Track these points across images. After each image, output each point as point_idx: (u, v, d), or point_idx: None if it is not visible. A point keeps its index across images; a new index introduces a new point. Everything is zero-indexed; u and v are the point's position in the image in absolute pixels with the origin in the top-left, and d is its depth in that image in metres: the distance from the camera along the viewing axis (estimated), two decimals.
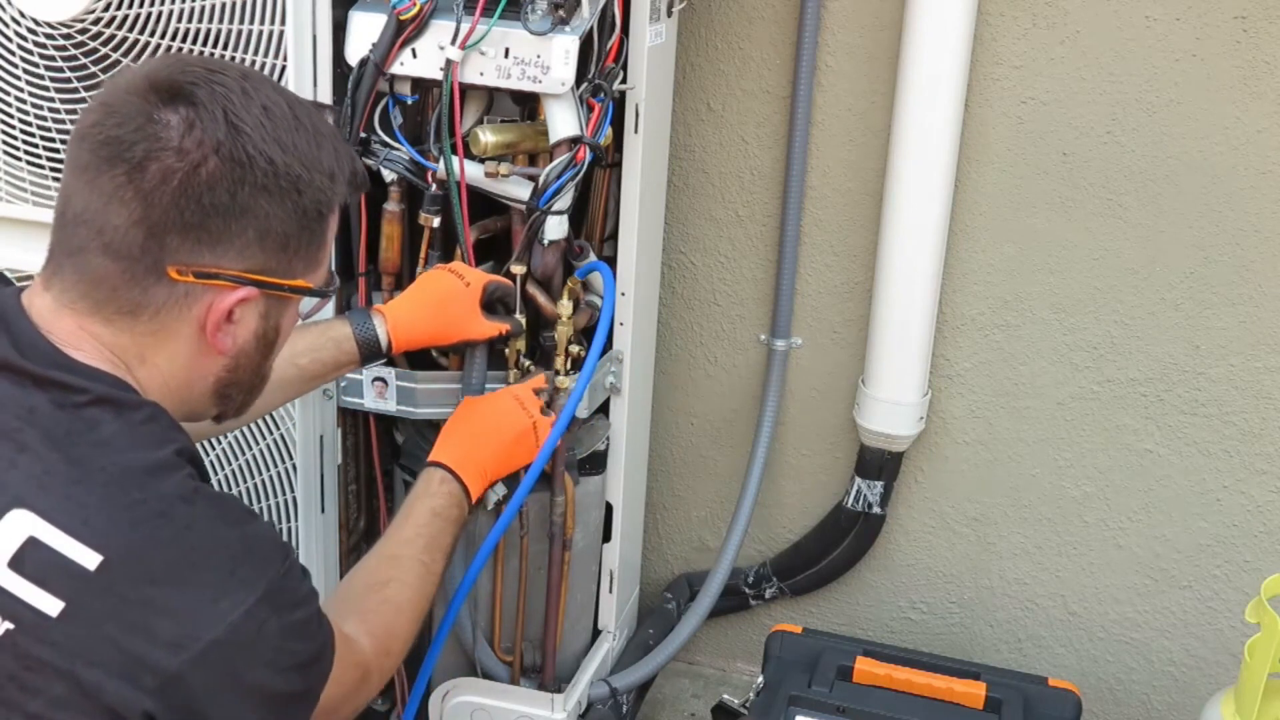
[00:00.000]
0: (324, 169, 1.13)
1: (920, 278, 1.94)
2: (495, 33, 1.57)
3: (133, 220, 1.06)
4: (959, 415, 2.08)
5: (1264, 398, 1.94)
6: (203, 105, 1.07)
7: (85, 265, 1.09)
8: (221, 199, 1.07)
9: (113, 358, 1.11)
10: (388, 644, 1.33)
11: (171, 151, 1.05)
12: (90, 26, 1.53)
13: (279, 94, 1.12)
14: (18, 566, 1.00)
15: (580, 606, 1.92)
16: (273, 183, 1.09)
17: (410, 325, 1.59)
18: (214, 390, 1.19)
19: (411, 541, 1.44)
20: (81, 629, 1.00)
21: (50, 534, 1.01)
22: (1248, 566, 2.02)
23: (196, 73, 1.09)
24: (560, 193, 1.62)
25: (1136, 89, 1.85)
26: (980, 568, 2.16)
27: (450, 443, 1.57)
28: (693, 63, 2.02)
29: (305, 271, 1.16)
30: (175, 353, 1.13)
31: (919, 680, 1.81)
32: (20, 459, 1.04)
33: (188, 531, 1.06)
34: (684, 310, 2.17)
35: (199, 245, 1.08)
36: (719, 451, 2.24)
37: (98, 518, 1.02)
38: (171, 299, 1.10)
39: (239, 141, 1.07)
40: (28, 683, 1.00)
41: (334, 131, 1.17)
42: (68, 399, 1.07)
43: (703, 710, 2.22)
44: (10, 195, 1.67)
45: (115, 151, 1.06)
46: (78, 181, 1.08)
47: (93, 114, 1.08)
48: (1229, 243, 1.88)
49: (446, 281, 1.63)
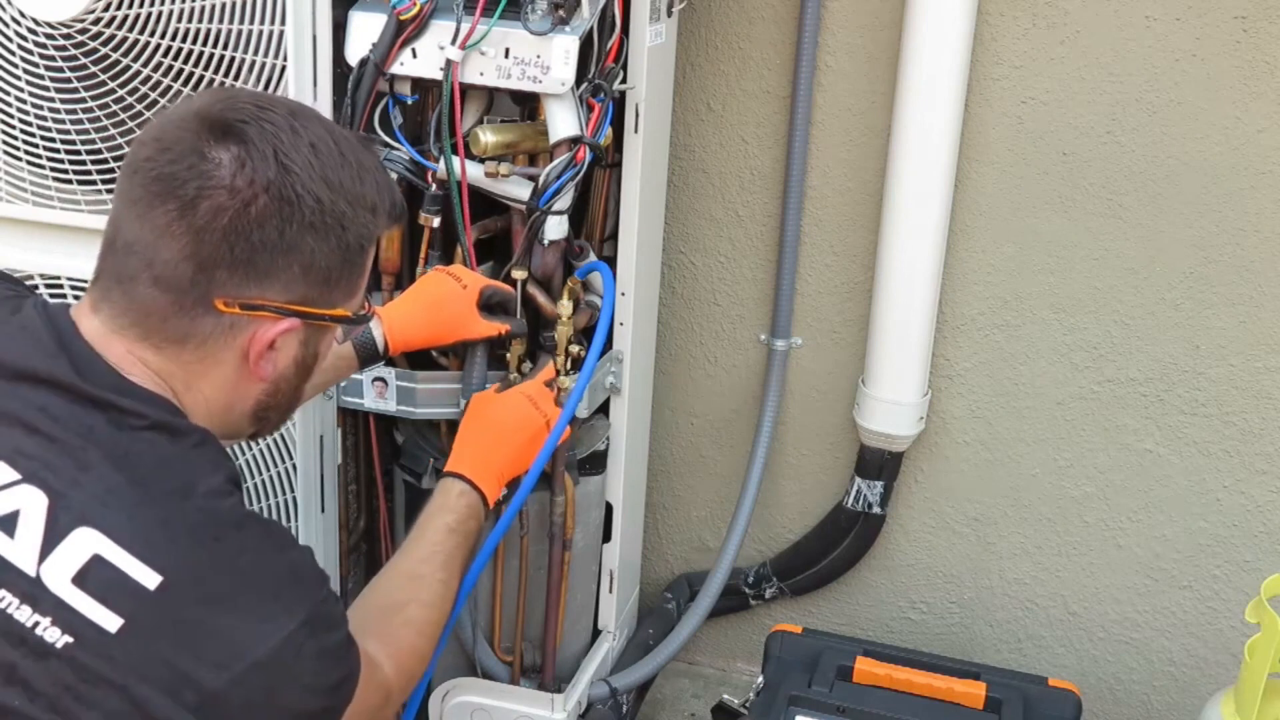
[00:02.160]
0: (367, 204, 1.17)
1: (920, 278, 1.94)
2: (495, 33, 1.57)
3: (183, 255, 1.09)
4: (959, 415, 2.08)
5: (1264, 398, 1.94)
6: (253, 144, 1.10)
7: (135, 294, 1.12)
8: (270, 236, 1.11)
9: (160, 382, 1.14)
10: (408, 665, 1.35)
11: (223, 190, 1.09)
12: (90, 26, 1.53)
13: (326, 130, 1.16)
14: (81, 583, 1.03)
15: (580, 606, 1.92)
16: (319, 220, 1.12)
17: (407, 327, 1.60)
18: (253, 412, 1.22)
19: (430, 559, 1.45)
20: (137, 645, 1.03)
21: (114, 553, 1.03)
22: (1248, 566, 2.02)
23: (247, 110, 1.12)
24: (560, 193, 1.62)
25: (1136, 89, 1.85)
26: (980, 568, 2.16)
27: (466, 450, 1.58)
28: (693, 63, 2.02)
29: (344, 300, 1.21)
30: (219, 378, 1.17)
31: (919, 680, 1.81)
32: (83, 477, 1.06)
33: (240, 556, 1.09)
34: (684, 310, 2.18)
35: (246, 279, 1.12)
36: (719, 451, 2.24)
37: (158, 539, 1.05)
38: (218, 329, 1.14)
39: (288, 180, 1.10)
40: (83, 694, 1.02)
41: (377, 164, 1.21)
42: (126, 421, 1.10)
43: (703, 710, 2.22)
44: (10, 195, 1.67)
45: (168, 188, 1.09)
46: (129, 213, 1.11)
47: (146, 148, 1.11)
48: (1229, 243, 1.88)
49: (443, 284, 1.65)
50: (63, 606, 1.02)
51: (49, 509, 1.04)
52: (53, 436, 1.07)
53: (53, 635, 1.02)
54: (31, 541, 1.03)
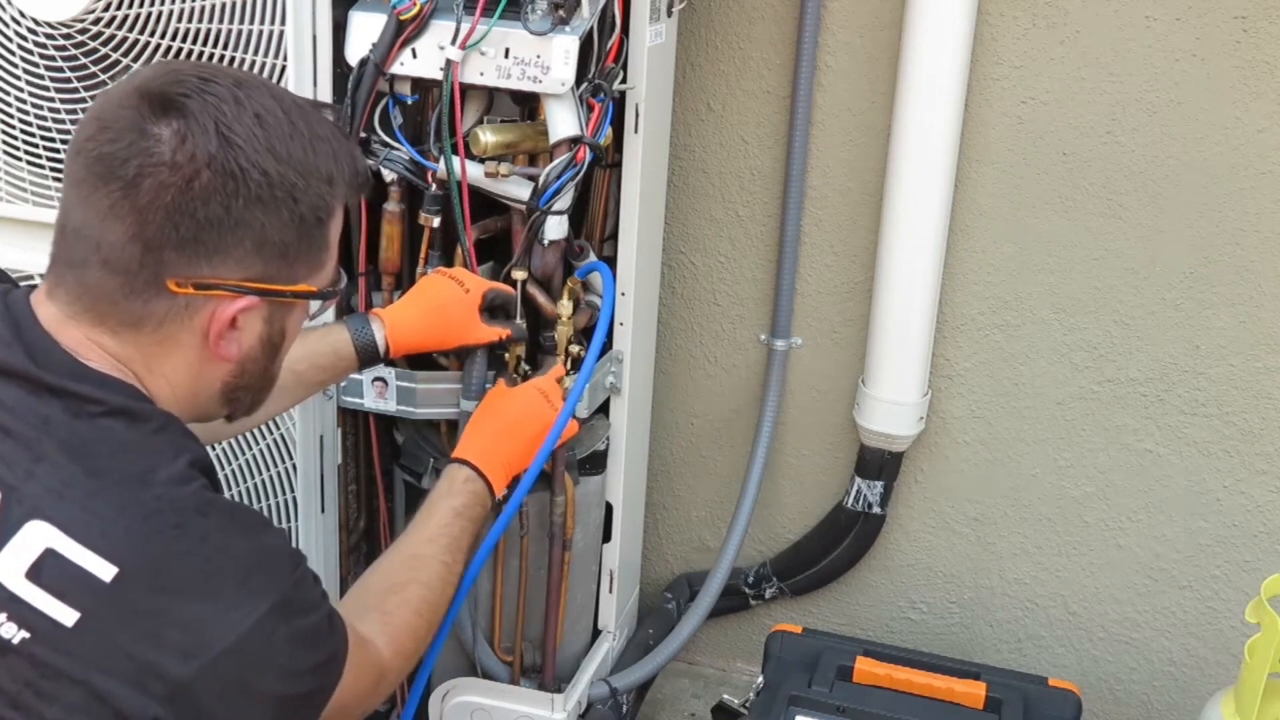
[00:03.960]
0: (321, 174, 1.13)
1: (920, 278, 1.94)
2: (495, 33, 1.57)
3: (129, 236, 1.07)
4: (959, 415, 2.08)
5: (1264, 398, 1.94)
6: (194, 117, 1.06)
7: (86, 279, 1.09)
8: (216, 213, 1.07)
9: (121, 367, 1.11)
10: (404, 645, 1.33)
11: (164, 167, 1.05)
12: (90, 26, 1.53)
13: (274, 99, 1.11)
14: (35, 577, 1.01)
15: (580, 606, 1.92)
16: (267, 194, 1.09)
17: (408, 330, 1.59)
18: (221, 394, 1.19)
19: (433, 541, 1.43)
20: (96, 638, 1.01)
21: (68, 546, 1.02)
22: (1248, 566, 2.02)
23: (189, 82, 1.08)
24: (560, 193, 1.62)
25: (1136, 89, 1.85)
26: (980, 568, 2.16)
27: (474, 439, 1.57)
28: (693, 63, 2.02)
29: (308, 275, 1.16)
30: (180, 361, 1.14)
31: (919, 680, 1.81)
32: (37, 469, 1.04)
33: (201, 543, 1.07)
34: (684, 310, 2.18)
35: (196, 258, 1.09)
36: (719, 451, 2.24)
37: (114, 530, 1.03)
38: (173, 310, 1.11)
39: (231, 154, 1.07)
40: (44, 690, 1.01)
41: (333, 132, 1.16)
42: (83, 409, 1.07)
43: (703, 710, 2.22)
44: (10, 195, 1.67)
45: (109, 168, 1.06)
46: (74, 195, 1.08)
47: (87, 128, 1.08)
48: (1229, 243, 1.88)
49: (446, 287, 1.63)
50: (17, 602, 1.01)
51: (1, 503, 1.03)
52: (7, 428, 1.05)
53: (9, 631, 1.00)
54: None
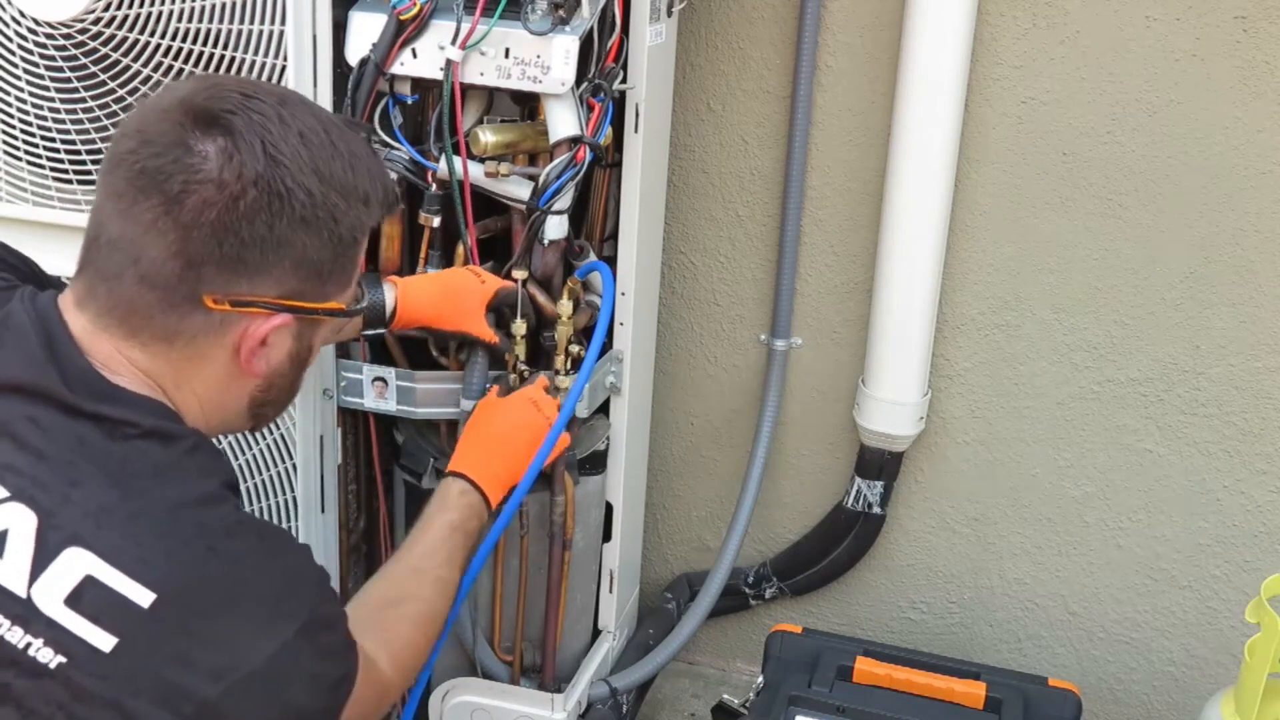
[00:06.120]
0: (359, 194, 1.13)
1: (920, 278, 1.94)
2: (495, 33, 1.57)
3: (170, 252, 1.06)
4: (959, 415, 2.08)
5: (1264, 398, 1.94)
6: (240, 135, 1.06)
7: (120, 292, 1.09)
8: (260, 231, 1.07)
9: (150, 382, 1.11)
10: (405, 660, 1.34)
11: (210, 184, 1.05)
12: (90, 26, 1.53)
13: (315, 118, 1.12)
14: (74, 604, 1.01)
15: (580, 606, 1.92)
16: (310, 214, 1.09)
17: (418, 301, 1.60)
18: (248, 408, 1.20)
19: (430, 555, 1.44)
20: (130, 662, 1.01)
21: (107, 573, 1.02)
22: (1248, 566, 2.02)
23: (233, 99, 1.08)
24: (560, 193, 1.62)
25: (1136, 89, 1.85)
26: (980, 568, 2.16)
27: (468, 451, 1.57)
28: (693, 63, 2.02)
29: (337, 293, 1.18)
30: (210, 376, 1.14)
31: (919, 680, 1.81)
32: (74, 494, 1.04)
33: (235, 566, 1.07)
34: (684, 310, 2.17)
35: (236, 275, 1.09)
36: (719, 451, 2.24)
37: (153, 556, 1.03)
38: (207, 326, 1.11)
39: (277, 173, 1.07)
40: (76, 713, 1.01)
41: (368, 151, 1.17)
42: (118, 431, 1.07)
43: (703, 710, 2.22)
44: (10, 195, 1.67)
45: (152, 182, 1.05)
46: (112, 208, 1.08)
47: (127, 141, 1.07)
48: (1229, 243, 1.88)
49: (465, 275, 1.67)
50: (55, 628, 1.01)
51: (38, 528, 1.02)
52: (42, 452, 1.05)
53: (45, 656, 1.00)
54: (21, 562, 1.02)
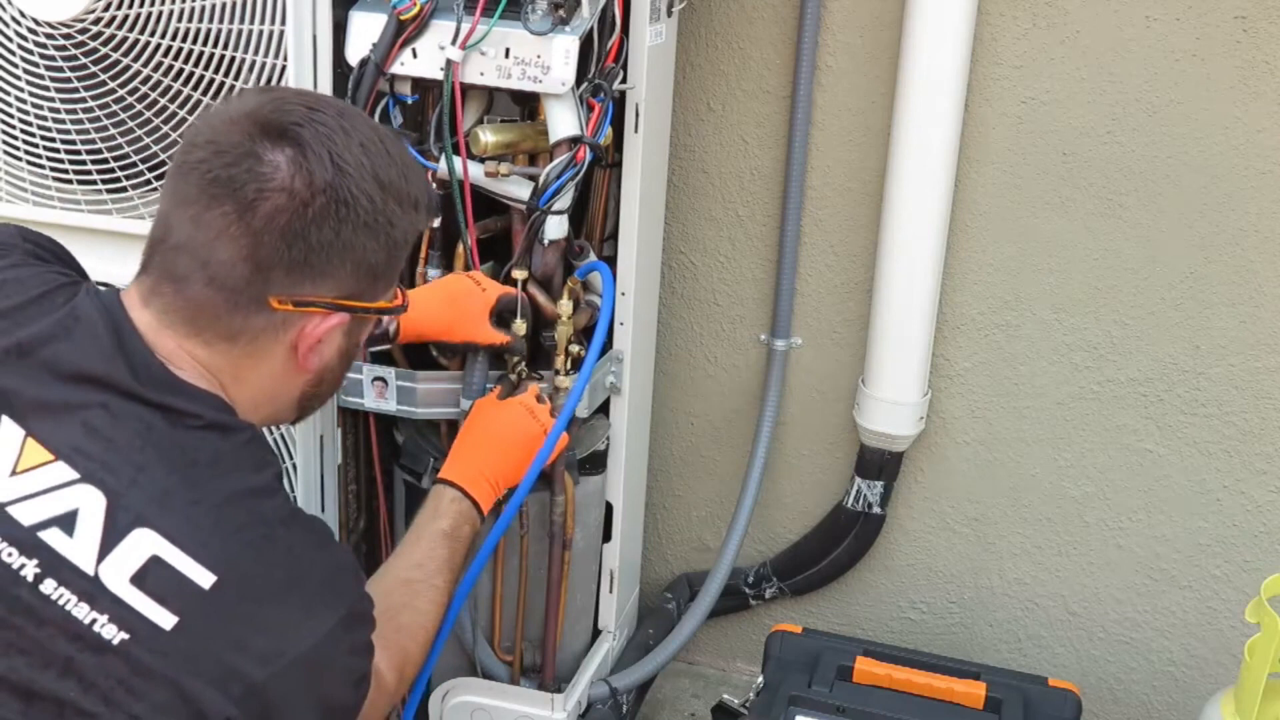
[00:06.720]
0: (412, 201, 1.21)
1: (920, 277, 1.94)
2: (495, 33, 1.57)
3: (241, 256, 1.12)
4: (959, 415, 2.08)
5: (1264, 398, 1.94)
6: (309, 145, 1.13)
7: (187, 293, 1.14)
8: (326, 237, 1.14)
9: (210, 377, 1.17)
10: (403, 670, 1.38)
11: (282, 192, 1.11)
12: (90, 26, 1.53)
13: (372, 129, 1.19)
14: (140, 582, 1.06)
15: (580, 606, 1.92)
16: (371, 219, 1.16)
17: (422, 315, 1.62)
18: (298, 402, 1.27)
19: (423, 565, 1.47)
20: (189, 642, 1.06)
21: (171, 553, 1.07)
22: (1248, 566, 2.02)
23: (298, 111, 1.14)
24: (560, 192, 1.62)
25: (1136, 89, 1.85)
26: (980, 568, 2.16)
27: (460, 458, 1.59)
28: (693, 63, 2.02)
29: (385, 291, 1.24)
30: (266, 372, 1.20)
31: (919, 680, 1.81)
32: (141, 478, 1.09)
33: (288, 554, 1.13)
34: (684, 310, 2.18)
35: (301, 278, 1.15)
36: (719, 451, 2.24)
37: (213, 540, 1.09)
38: (269, 326, 1.17)
39: (343, 181, 1.14)
40: (135, 687, 1.05)
41: (413, 160, 1.25)
42: (181, 421, 1.13)
43: (703, 710, 2.22)
44: (10, 195, 1.68)
45: (225, 189, 1.11)
46: (181, 213, 1.13)
47: (198, 150, 1.13)
48: (1229, 243, 1.88)
49: (465, 283, 1.68)
50: (120, 604, 1.05)
51: (107, 509, 1.07)
52: (111, 437, 1.10)
53: (109, 632, 1.05)
54: (90, 541, 1.06)
